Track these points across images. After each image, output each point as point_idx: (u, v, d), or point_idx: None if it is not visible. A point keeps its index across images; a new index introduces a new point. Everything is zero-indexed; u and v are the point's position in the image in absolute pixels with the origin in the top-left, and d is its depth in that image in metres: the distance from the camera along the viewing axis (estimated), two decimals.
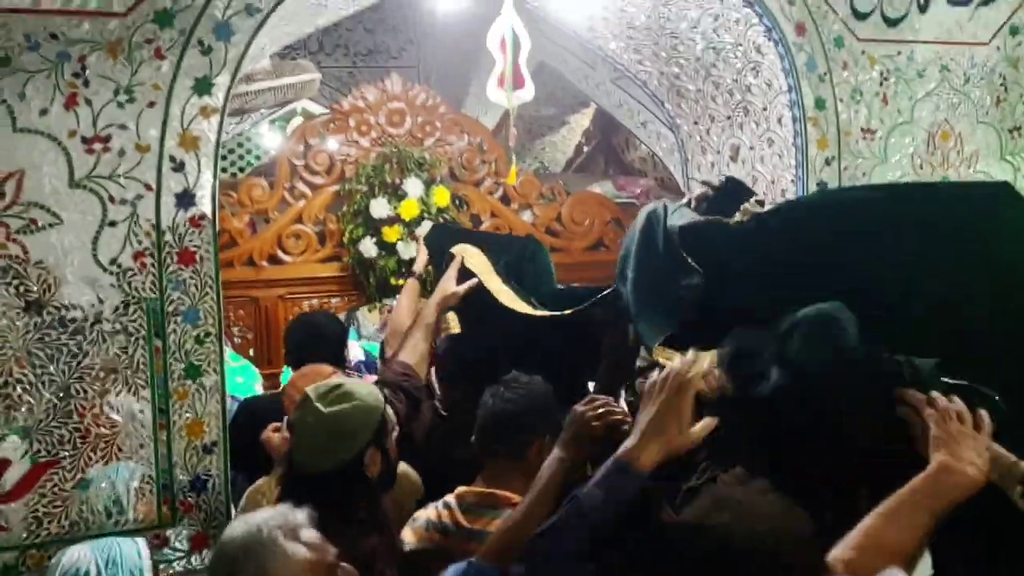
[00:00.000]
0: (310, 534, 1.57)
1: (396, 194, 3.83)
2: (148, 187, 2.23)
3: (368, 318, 6.49)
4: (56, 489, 2.20)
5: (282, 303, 3.81)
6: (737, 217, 1.98)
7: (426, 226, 3.87)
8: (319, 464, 2.09)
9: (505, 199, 4.13)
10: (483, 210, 4.05)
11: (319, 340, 3.11)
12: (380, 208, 3.79)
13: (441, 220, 3.88)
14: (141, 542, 1.98)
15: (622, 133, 5.75)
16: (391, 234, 3.80)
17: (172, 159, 2.24)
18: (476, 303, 2.61)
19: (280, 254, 3.86)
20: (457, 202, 3.93)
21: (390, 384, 2.38)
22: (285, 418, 2.36)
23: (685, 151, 3.49)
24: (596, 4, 3.32)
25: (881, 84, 2.83)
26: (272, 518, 1.56)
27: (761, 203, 2.11)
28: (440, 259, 2.98)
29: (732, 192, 2.22)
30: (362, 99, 3.94)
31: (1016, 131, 2.90)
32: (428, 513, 2.08)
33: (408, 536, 2.08)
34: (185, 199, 2.26)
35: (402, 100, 3.98)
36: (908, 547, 1.35)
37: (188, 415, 2.29)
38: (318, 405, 2.10)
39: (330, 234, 3.91)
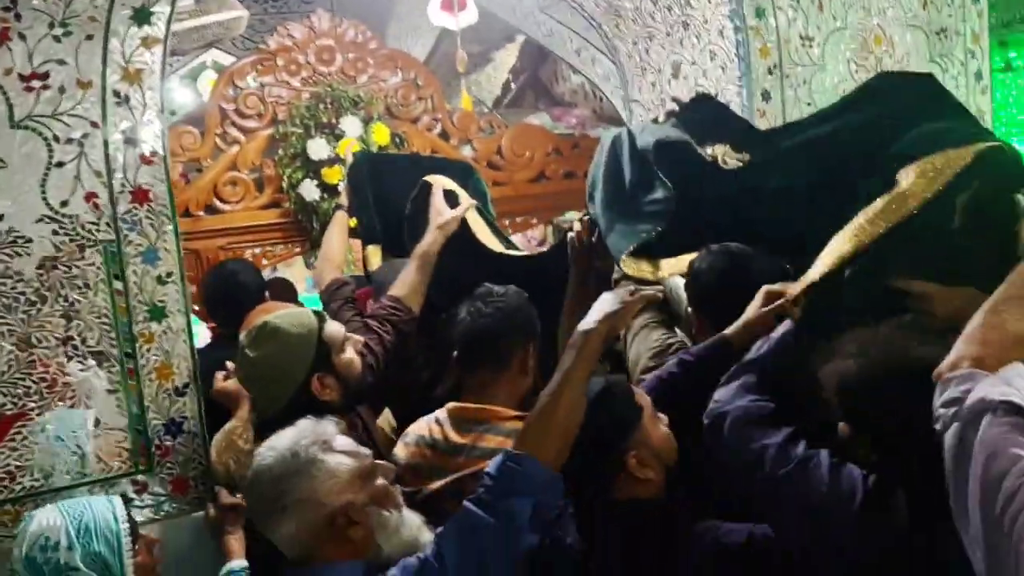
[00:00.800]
0: (344, 441, 1.57)
1: (334, 134, 3.77)
2: (93, 124, 2.13)
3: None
4: (26, 443, 2.12)
5: (224, 254, 3.73)
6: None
7: None
8: (271, 407, 2.10)
9: (444, 135, 4.10)
10: (422, 147, 4.01)
11: (237, 289, 2.98)
12: (318, 149, 3.73)
13: None
14: (117, 502, 1.88)
15: (550, 66, 5.74)
16: (332, 175, 3.74)
17: (116, 94, 2.15)
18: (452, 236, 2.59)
19: (217, 203, 3.77)
20: (397, 140, 3.88)
21: (379, 318, 2.38)
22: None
23: (625, 73, 3.51)
24: None
25: None
26: (302, 437, 1.54)
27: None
28: (364, 188, 2.94)
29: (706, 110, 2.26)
30: (289, 37, 3.84)
31: (942, 32, 3.01)
32: (419, 428, 2.08)
33: (400, 452, 2.09)
34: (133, 135, 2.17)
35: (331, 37, 3.90)
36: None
37: (156, 358, 2.23)
38: (248, 352, 2.11)
39: (268, 180, 3.84)
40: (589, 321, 1.58)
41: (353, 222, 3.01)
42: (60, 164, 2.10)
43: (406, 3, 5.57)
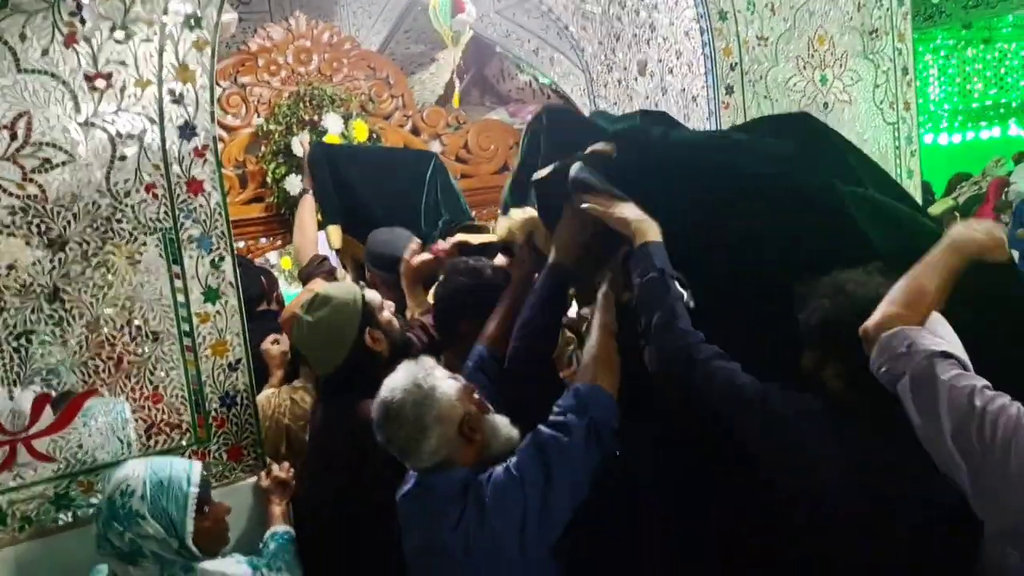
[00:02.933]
0: (442, 371, 1.88)
1: (316, 131, 3.94)
2: (152, 120, 2.30)
3: None
4: (95, 420, 2.28)
5: None
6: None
7: None
8: (331, 364, 2.36)
9: (415, 131, 4.33)
10: (396, 142, 4.23)
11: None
12: (301, 143, 3.89)
13: None
14: (196, 466, 2.09)
15: (496, 64, 6.00)
16: None
17: (172, 92, 2.32)
18: None
19: None
20: (374, 136, 4.09)
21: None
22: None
23: (590, 71, 3.82)
24: None
25: None
26: (415, 373, 1.84)
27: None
28: (324, 174, 3.45)
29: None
30: (268, 38, 4.00)
31: (874, 32, 3.44)
32: None
33: None
34: (187, 131, 2.34)
35: (308, 38, 4.08)
36: (938, 302, 1.61)
37: (212, 336, 2.41)
38: (305, 317, 2.35)
39: (251, 175, 3.98)
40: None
41: None
42: (123, 158, 2.27)
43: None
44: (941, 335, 1.54)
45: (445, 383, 1.83)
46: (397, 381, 1.83)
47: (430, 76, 6.59)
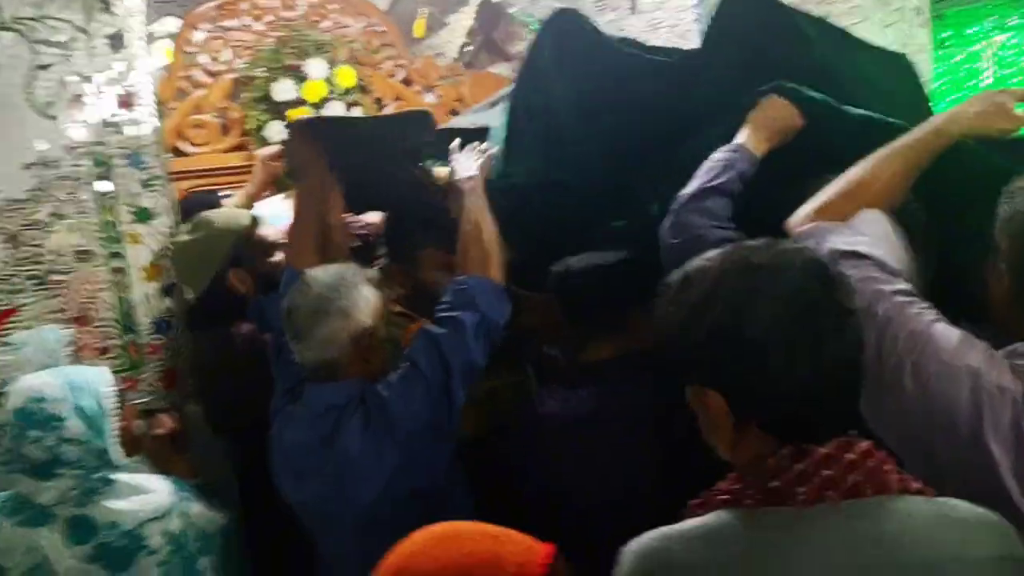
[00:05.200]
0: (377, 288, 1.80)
1: (298, 75, 3.82)
2: (78, 28, 2.19)
3: None
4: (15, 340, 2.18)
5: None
6: None
7: (332, 107, 3.88)
8: (192, 288, 2.29)
9: (407, 82, 4.18)
10: (386, 94, 4.09)
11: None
12: (284, 91, 3.78)
13: (345, 104, 3.90)
14: (104, 370, 1.92)
15: (503, 26, 5.83)
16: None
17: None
18: None
19: (182, 146, 3.80)
20: (361, 84, 3.96)
21: None
22: None
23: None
24: None
25: None
26: (350, 269, 1.79)
27: None
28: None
29: None
30: None
31: None
32: None
33: None
34: (117, 41, 2.23)
35: None
36: (883, 194, 1.39)
37: (144, 258, 2.30)
38: (182, 236, 2.22)
39: (233, 123, 3.88)
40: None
41: None
42: (45, 67, 2.16)
43: None
44: (864, 232, 1.31)
45: (370, 291, 1.77)
46: (328, 267, 1.80)
47: (443, 40, 6.45)
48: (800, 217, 1.39)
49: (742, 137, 1.75)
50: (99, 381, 1.87)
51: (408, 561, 0.94)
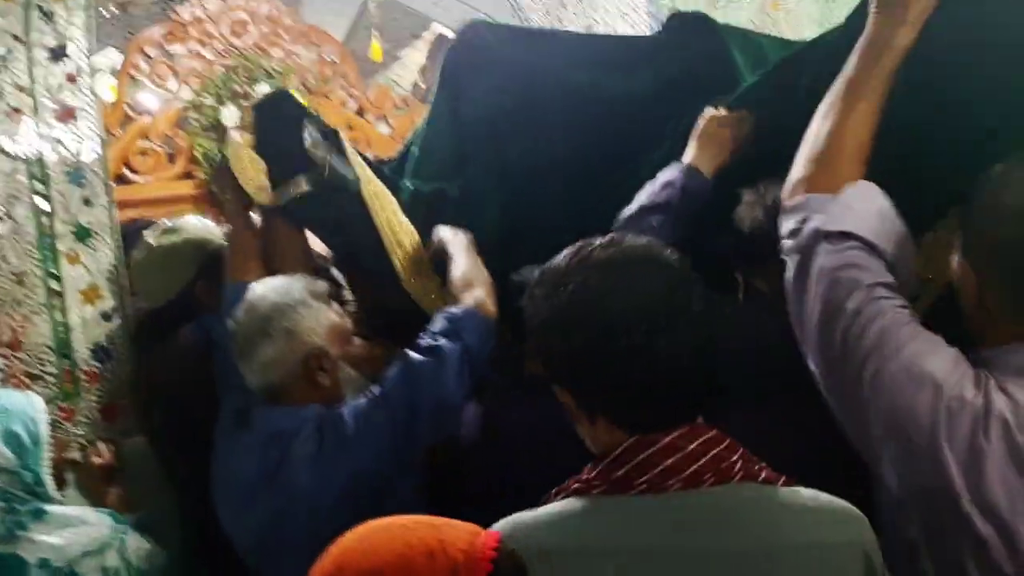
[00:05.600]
0: (334, 305, 1.67)
1: (247, 101, 3.74)
2: (16, 38, 2.08)
3: None
4: None
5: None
6: None
7: None
8: (155, 297, 2.13)
9: (360, 112, 4.13)
10: (338, 123, 4.00)
11: None
12: (232, 116, 3.69)
13: None
14: (35, 397, 1.76)
15: None
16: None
17: (40, 9, 2.11)
18: None
19: (128, 174, 3.68)
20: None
21: None
22: None
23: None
24: None
25: None
26: (298, 282, 1.62)
27: None
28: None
29: None
30: (201, 7, 3.81)
31: None
32: None
33: None
34: (58, 53, 2.13)
35: (244, 10, 3.89)
36: (864, 136, 1.25)
37: (83, 280, 2.17)
38: (149, 240, 2.09)
39: (180, 151, 3.77)
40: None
41: None
42: None
43: None
44: (854, 206, 1.19)
45: (320, 308, 1.61)
46: (274, 280, 1.65)
47: (396, 76, 6.43)
48: (788, 189, 1.29)
49: (687, 156, 1.75)
50: (30, 407, 1.73)
51: (345, 558, 0.85)
